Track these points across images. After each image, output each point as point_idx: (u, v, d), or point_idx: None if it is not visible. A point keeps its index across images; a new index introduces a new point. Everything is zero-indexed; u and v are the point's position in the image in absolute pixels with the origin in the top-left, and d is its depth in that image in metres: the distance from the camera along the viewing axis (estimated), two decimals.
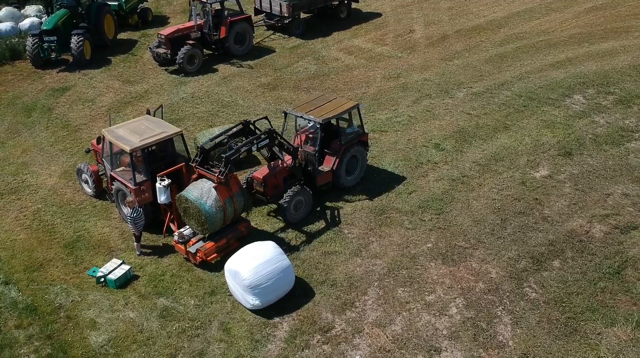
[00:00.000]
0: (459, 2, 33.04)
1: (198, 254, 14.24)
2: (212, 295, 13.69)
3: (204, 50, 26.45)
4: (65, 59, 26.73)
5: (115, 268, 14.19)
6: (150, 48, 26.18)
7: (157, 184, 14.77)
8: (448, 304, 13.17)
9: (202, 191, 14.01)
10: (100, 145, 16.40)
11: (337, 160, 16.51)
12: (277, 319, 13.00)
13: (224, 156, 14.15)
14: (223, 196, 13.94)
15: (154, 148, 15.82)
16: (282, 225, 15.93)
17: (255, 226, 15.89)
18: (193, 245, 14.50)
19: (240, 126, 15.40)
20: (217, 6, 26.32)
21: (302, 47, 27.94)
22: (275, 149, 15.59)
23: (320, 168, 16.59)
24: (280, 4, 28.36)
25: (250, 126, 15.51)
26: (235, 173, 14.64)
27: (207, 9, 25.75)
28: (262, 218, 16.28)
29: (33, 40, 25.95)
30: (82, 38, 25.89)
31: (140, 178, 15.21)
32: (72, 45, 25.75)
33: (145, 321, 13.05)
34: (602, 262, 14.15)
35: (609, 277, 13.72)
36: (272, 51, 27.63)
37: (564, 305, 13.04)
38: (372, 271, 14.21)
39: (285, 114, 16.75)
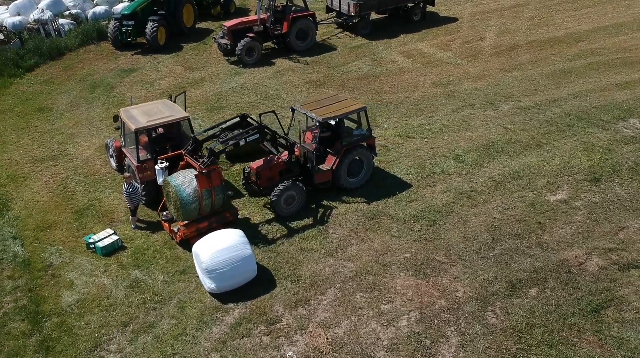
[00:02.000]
0: (545, 12, 31.41)
1: (178, 233, 14.99)
2: (182, 273, 14.37)
3: (268, 43, 27.31)
4: (142, 43, 28.65)
5: (106, 237, 15.29)
6: (214, 38, 27.47)
7: (156, 166, 15.68)
8: (400, 316, 12.90)
9: (184, 179, 14.71)
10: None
11: (337, 160, 16.58)
12: (231, 305, 13.41)
13: (208, 147, 14.75)
14: (202, 186, 14.51)
15: (161, 130, 16.76)
16: (272, 217, 16.26)
17: (248, 216, 16.37)
18: (180, 225, 15.25)
19: (236, 119, 15.91)
20: (282, 1, 26.98)
21: (364, 47, 27.97)
22: (267, 144, 15.94)
23: (320, 166, 16.74)
24: (348, 3, 28.56)
25: (248, 119, 15.97)
26: (219, 167, 15.07)
27: (271, 4, 26.52)
28: (257, 208, 16.73)
29: (114, 24, 28.19)
30: (157, 24, 27.69)
31: (144, 156, 16.21)
32: (147, 30, 27.62)
33: (115, 288, 13.99)
34: (583, 297, 13.16)
35: (584, 314, 12.74)
36: (333, 49, 27.92)
37: (520, 335, 12.32)
38: (339, 273, 14.21)
39: (293, 110, 17.07)
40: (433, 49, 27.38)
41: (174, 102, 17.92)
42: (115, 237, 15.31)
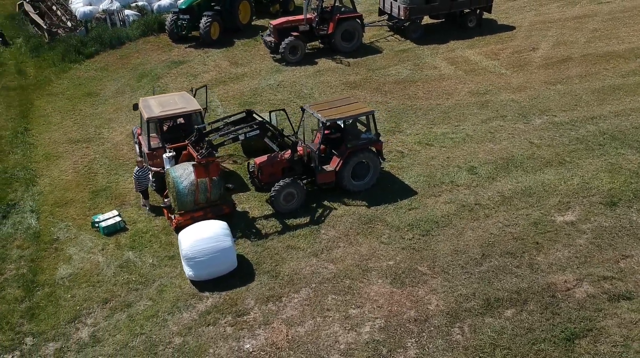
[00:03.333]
0: (611, 25, 29.79)
1: (174, 220, 15.63)
2: (170, 259, 15.00)
3: (315, 43, 27.66)
4: (197, 37, 29.76)
5: (110, 218, 16.18)
6: (262, 35, 28.10)
7: (164, 155, 16.42)
8: (365, 322, 12.87)
9: (183, 172, 15.33)
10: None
11: (341, 162, 16.67)
12: (206, 293, 13.87)
13: (206, 139, 15.28)
14: (198, 176, 15.02)
15: (182, 120, 17.47)
16: (270, 213, 16.59)
17: (247, 210, 16.79)
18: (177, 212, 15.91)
19: (242, 114, 16.36)
20: (330, 2, 27.22)
21: (409, 52, 27.72)
22: (268, 141, 16.27)
23: (325, 166, 16.90)
24: (399, 6, 28.38)
25: (254, 115, 16.38)
26: (217, 160, 15.52)
27: (318, 4, 26.83)
28: (258, 203, 17.12)
29: (172, 17, 29.48)
30: (210, 20, 28.69)
31: (155, 144, 17.00)
32: (200, 25, 28.68)
33: (106, 267, 14.83)
34: (560, 324, 12.59)
35: (555, 341, 12.20)
36: (379, 52, 27.85)
37: (482, 355, 11.98)
38: (318, 274, 14.33)
39: (303, 109, 17.32)
40: (480, 57, 26.70)
41: (194, 95, 18.61)
42: (118, 219, 16.16)
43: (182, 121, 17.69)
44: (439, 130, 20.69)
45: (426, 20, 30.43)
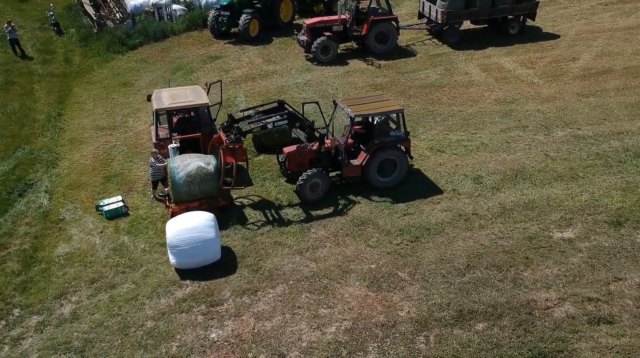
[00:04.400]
0: None
1: (170, 209, 16.17)
2: (161, 246, 15.50)
3: (352, 44, 27.76)
4: (237, 33, 30.40)
5: (113, 203, 16.90)
6: (296, 34, 28.40)
7: (169, 145, 17.00)
8: (333, 322, 12.91)
9: (182, 164, 15.82)
10: None
11: (367, 157, 16.80)
12: (187, 281, 14.28)
13: (236, 125, 15.81)
14: (225, 159, 15.76)
15: (192, 113, 18.00)
16: (267, 208, 16.83)
17: (245, 203, 17.08)
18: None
19: (274, 104, 16.84)
20: (365, 4, 27.22)
21: (443, 56, 27.32)
22: (295, 131, 16.76)
23: (352, 161, 17.09)
24: (436, 10, 28.03)
25: (285, 106, 16.83)
26: (243, 146, 16.11)
27: (351, 5, 26.89)
28: (258, 198, 17.39)
29: (214, 13, 30.25)
30: (249, 17, 29.27)
31: (164, 135, 17.60)
32: (239, 21, 29.31)
33: (100, 249, 15.51)
34: (530, 342, 12.22)
35: None
36: (412, 55, 27.61)
37: None
38: (298, 271, 14.47)
39: (335, 104, 17.52)
40: (515, 65, 25.99)
41: (208, 90, 19.11)
42: (120, 204, 16.84)
43: (192, 114, 18.15)
44: (454, 137, 20.34)
45: (467, 25, 29.86)
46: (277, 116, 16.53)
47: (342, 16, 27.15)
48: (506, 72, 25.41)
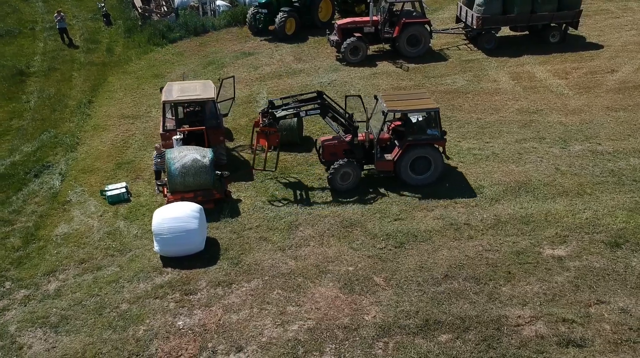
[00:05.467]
0: None
1: (167, 198, 16.71)
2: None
3: (385, 46, 27.66)
4: (274, 31, 30.82)
5: (116, 189, 17.59)
6: (328, 34, 28.52)
7: (173, 137, 17.55)
8: (297, 321, 13.02)
9: (178, 155, 16.32)
10: None
11: (399, 153, 16.97)
12: (168, 269, 14.72)
13: (270, 110, 16.64)
14: (258, 142, 17.14)
15: (198, 107, 18.51)
16: (262, 203, 17.08)
17: (242, 198, 17.37)
18: None
19: (313, 94, 17.43)
20: (398, 6, 27.02)
21: (475, 62, 26.78)
22: (328, 121, 17.31)
23: (385, 155, 17.35)
24: (472, 15, 27.50)
25: (324, 96, 17.32)
26: (277, 132, 17.06)
27: (384, 7, 26.77)
28: (255, 193, 17.67)
29: (252, 10, 30.78)
30: (286, 15, 29.62)
31: (170, 127, 18.17)
32: (276, 19, 29.72)
33: (96, 231, 16.21)
34: None
35: None
36: (444, 60, 27.21)
37: None
38: (276, 268, 14.65)
39: (376, 98, 17.91)
40: (547, 75, 25.16)
41: (220, 85, 19.56)
42: (123, 190, 17.50)
43: (199, 108, 18.62)
44: (466, 145, 19.96)
45: (506, 32, 29.11)
46: (311, 105, 17.06)
47: (374, 17, 27.03)
48: (536, 81, 24.64)
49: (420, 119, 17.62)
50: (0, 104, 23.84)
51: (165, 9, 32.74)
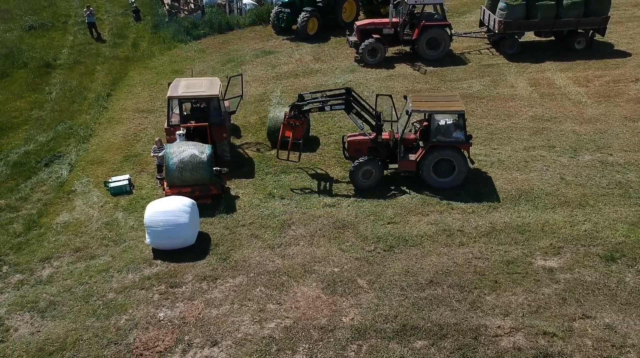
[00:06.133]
0: None
1: (165, 191, 17.02)
2: None
3: (406, 48, 27.52)
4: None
5: (119, 181, 18.01)
6: (347, 34, 28.48)
7: (177, 132, 17.86)
8: (275, 319, 13.10)
9: (177, 150, 16.62)
10: None
11: (422, 154, 16.99)
12: (158, 261, 15.00)
13: (296, 103, 17.12)
14: (283, 133, 17.68)
15: (203, 104, 18.79)
16: (259, 201, 17.23)
17: (240, 195, 17.56)
18: None
19: (342, 91, 17.64)
20: (419, 9, 26.80)
21: (495, 67, 26.36)
22: (352, 118, 17.50)
23: (409, 155, 17.40)
24: (494, 19, 27.07)
25: (352, 93, 17.53)
26: (304, 124, 17.59)
27: (404, 9, 26.60)
28: (254, 190, 17.81)
29: (276, 10, 31.00)
30: (308, 15, 29.74)
31: (175, 122, 18.50)
32: (298, 19, 29.86)
33: (95, 221, 16.63)
34: None
35: None
36: (464, 64, 26.86)
37: None
38: (262, 265, 14.76)
39: (406, 98, 17.95)
40: (567, 82, 24.57)
41: (228, 82, 19.79)
42: (125, 182, 17.89)
43: (204, 104, 18.87)
44: (473, 151, 19.40)
45: (531, 37, 28.53)
46: (336, 100, 17.35)
47: (394, 19, 26.87)
48: (555, 88, 24.09)
49: (447, 121, 17.45)
50: (23, 95, 24.62)
51: (192, 7, 33.23)
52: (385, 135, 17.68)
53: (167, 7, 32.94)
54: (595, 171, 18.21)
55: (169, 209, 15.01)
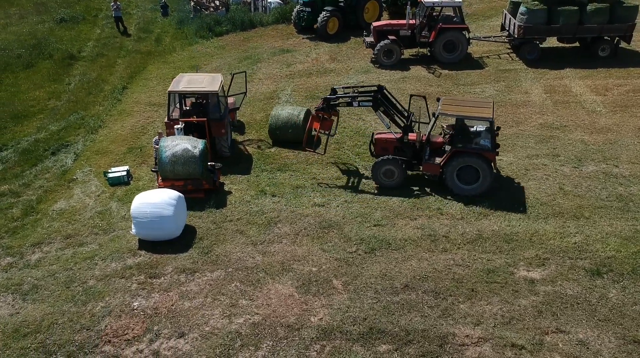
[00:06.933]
0: None
1: (159, 183, 17.35)
2: None
3: (423, 50, 27.29)
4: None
5: (118, 171, 18.43)
6: (364, 35, 28.38)
7: (175, 126, 18.19)
8: (244, 315, 13.16)
9: (171, 144, 16.91)
10: None
11: (446, 158, 16.90)
12: (142, 252, 15.29)
13: (326, 97, 17.52)
14: (310, 125, 18.07)
15: (203, 99, 19.06)
16: (250, 198, 17.37)
17: (233, 191, 17.74)
18: None
19: (373, 87, 17.82)
20: (437, 11, 26.52)
21: (512, 72, 25.86)
22: (379, 115, 17.57)
23: (436, 158, 17.32)
24: (514, 24, 26.56)
25: (384, 91, 17.76)
26: (332, 118, 17.90)
27: (421, 10, 26.37)
28: (247, 186, 17.96)
29: (298, 8, 31.15)
30: (328, 15, 29.80)
31: (175, 116, 18.83)
32: (318, 18, 29.94)
33: (89, 210, 17.07)
34: None
35: None
36: (481, 68, 26.46)
37: None
38: (242, 261, 14.88)
39: (439, 100, 17.85)
40: (584, 90, 23.90)
41: (232, 80, 20.02)
42: (123, 173, 18.30)
43: (205, 100, 19.13)
44: None
45: (554, 43, 27.87)
46: (364, 96, 17.50)
47: (411, 21, 26.65)
48: (570, 96, 23.47)
49: (478, 128, 17.16)
50: (44, 85, 25.45)
51: (217, 3, 33.67)
52: (412, 136, 17.61)
53: (193, 3, 33.44)
54: (597, 182, 17.68)
55: (155, 201, 15.27)
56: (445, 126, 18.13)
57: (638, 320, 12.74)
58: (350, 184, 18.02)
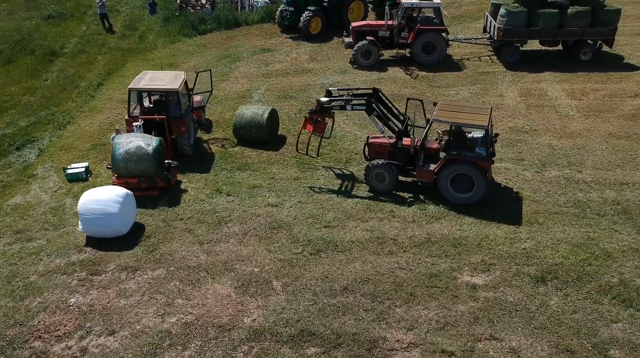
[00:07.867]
0: None
1: (113, 181, 17.34)
2: None
3: (403, 51, 27.08)
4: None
5: (77, 168, 18.44)
6: (344, 35, 28.22)
7: (134, 123, 18.18)
8: (178, 314, 13.01)
9: (125, 141, 16.89)
10: None
11: (439, 165, 16.56)
12: (88, 248, 15.16)
13: (317, 99, 17.38)
14: (304, 127, 17.83)
15: (163, 97, 19.02)
16: (206, 196, 17.30)
17: (189, 189, 17.68)
18: None
19: (368, 90, 17.67)
20: (417, 12, 26.32)
21: (489, 75, 25.59)
22: (373, 120, 17.28)
23: (430, 164, 16.99)
24: (495, 26, 26.29)
25: (379, 94, 17.61)
26: (325, 121, 17.72)
27: (400, 11, 26.18)
28: (204, 185, 17.90)
29: (281, 8, 31.06)
30: (311, 15, 29.68)
31: (135, 113, 18.81)
32: (301, 18, 29.83)
33: (43, 206, 17.08)
34: None
35: None
36: (459, 70, 26.21)
37: None
38: (185, 259, 14.72)
39: (435, 105, 17.51)
40: (560, 94, 23.59)
41: (196, 78, 19.97)
42: (82, 169, 18.30)
43: (166, 98, 19.08)
44: None
45: (536, 46, 27.56)
46: (358, 100, 17.26)
47: (389, 22, 26.46)
48: (545, 100, 23.16)
49: (475, 135, 16.81)
50: (21, 81, 25.58)
51: (203, 1, 33.67)
52: (406, 141, 17.28)
53: (179, 1, 33.47)
54: (557, 187, 17.41)
55: (101, 198, 15.24)
56: (441, 132, 17.62)
57: (575, 329, 12.49)
58: (305, 184, 17.86)
